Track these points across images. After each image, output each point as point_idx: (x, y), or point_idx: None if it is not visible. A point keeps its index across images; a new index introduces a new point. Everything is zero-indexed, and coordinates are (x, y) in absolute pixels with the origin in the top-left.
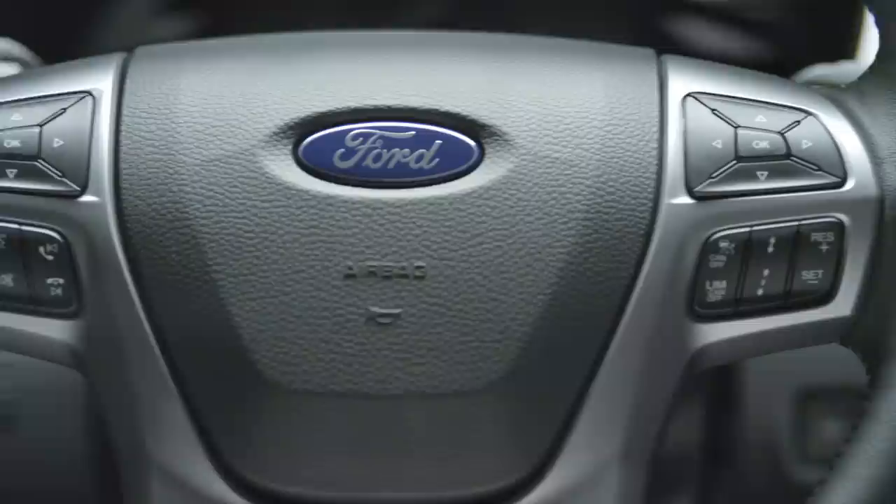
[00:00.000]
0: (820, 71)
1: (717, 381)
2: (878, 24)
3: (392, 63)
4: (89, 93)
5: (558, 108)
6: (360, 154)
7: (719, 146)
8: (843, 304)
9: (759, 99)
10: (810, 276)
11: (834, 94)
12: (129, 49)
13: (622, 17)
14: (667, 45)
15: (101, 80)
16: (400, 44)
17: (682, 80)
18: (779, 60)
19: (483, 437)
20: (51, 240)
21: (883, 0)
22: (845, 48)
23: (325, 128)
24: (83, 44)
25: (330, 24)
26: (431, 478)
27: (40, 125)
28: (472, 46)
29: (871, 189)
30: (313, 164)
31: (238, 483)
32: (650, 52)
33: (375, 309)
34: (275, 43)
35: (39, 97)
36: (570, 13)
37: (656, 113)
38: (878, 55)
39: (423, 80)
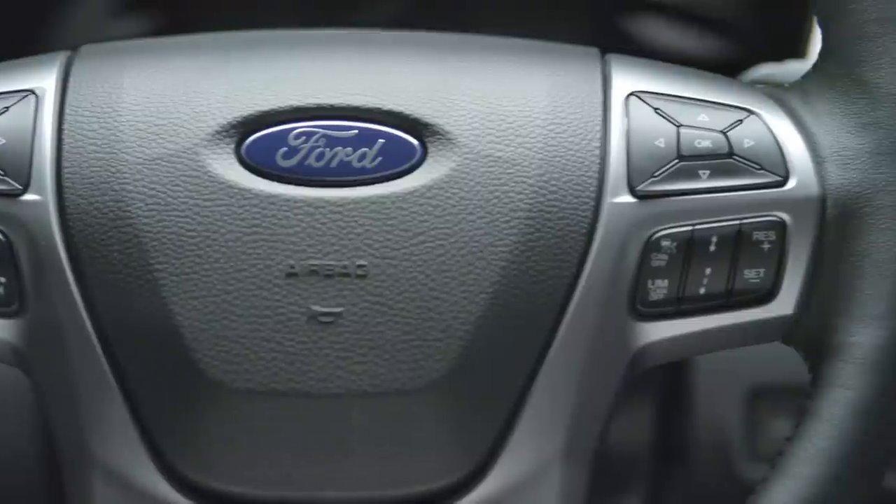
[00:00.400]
0: (767, 70)
1: (668, 381)
2: (821, 23)
3: (336, 62)
4: (32, 91)
5: (501, 107)
6: (302, 153)
7: (662, 145)
8: (784, 303)
9: (702, 98)
10: (752, 275)
11: (777, 93)
12: (74, 48)
13: (581, 16)
14: (625, 44)
15: (44, 79)
16: (345, 42)
17: (626, 80)
18: (736, 59)
19: (425, 436)
20: None
21: (825, 0)
22: (800, 47)
23: (267, 127)
24: (40, 44)
25: (287, 23)
26: (373, 477)
27: None
28: (416, 45)
29: (813, 188)
30: (256, 163)
31: (181, 482)
32: (594, 51)
33: (317, 308)
34: (219, 41)
35: None
36: (527, 12)
37: (599, 112)
38: (821, 54)
39: (367, 78)
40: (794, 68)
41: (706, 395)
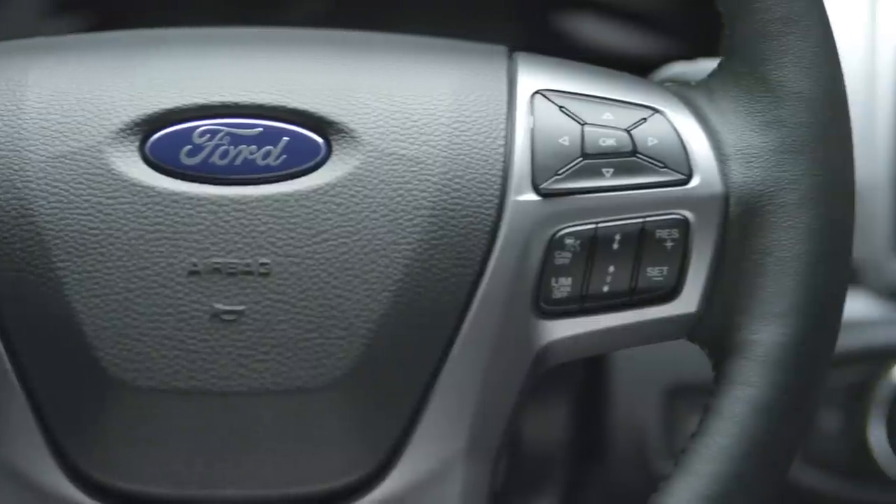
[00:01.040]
0: (678, 68)
1: (585, 379)
2: (726, 21)
3: (242, 59)
4: None
5: (406, 105)
6: (206, 151)
7: (566, 143)
8: (688, 301)
9: (607, 96)
10: (655, 273)
11: (683, 91)
12: None
13: (510, 15)
14: (554, 42)
15: None
16: (251, 40)
17: (532, 78)
18: (665, 56)
19: (327, 434)
20: None
21: None
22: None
23: (172, 124)
24: None
25: (214, 23)
26: (276, 475)
27: None
28: (323, 43)
29: (717, 186)
30: (160, 161)
31: (85, 482)
32: (502, 49)
33: (220, 306)
34: (126, 39)
35: None
36: (454, 11)
37: (504, 110)
38: (726, 53)
39: (272, 76)
40: (704, 66)
41: (623, 393)
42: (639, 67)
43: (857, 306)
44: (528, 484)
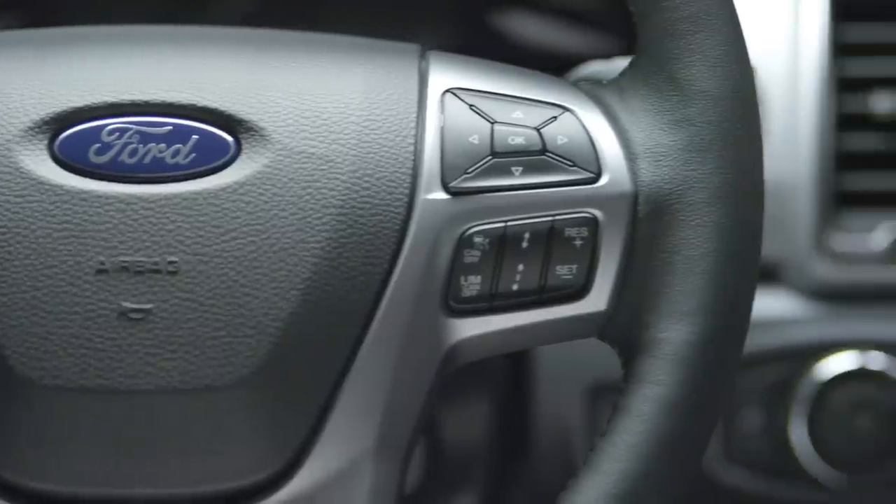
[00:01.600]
0: (594, 67)
1: (509, 377)
2: (636, 20)
3: (153, 58)
4: None
5: (316, 103)
6: (115, 149)
7: (475, 142)
8: (597, 299)
9: (518, 95)
10: (564, 272)
11: (595, 90)
12: None
13: (445, 13)
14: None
15: None
16: (162, 38)
17: (443, 76)
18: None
19: (235, 433)
20: None
21: None
22: None
23: (81, 123)
24: None
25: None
26: (184, 473)
27: None
28: (235, 42)
29: (625, 185)
30: (68, 159)
31: None
32: (414, 47)
33: (127, 304)
34: (37, 37)
35: None
36: (391, 10)
37: (414, 109)
38: (637, 52)
39: (183, 75)
40: (619, 65)
41: (547, 392)
42: (574, 65)
43: (780, 305)
44: (449, 483)
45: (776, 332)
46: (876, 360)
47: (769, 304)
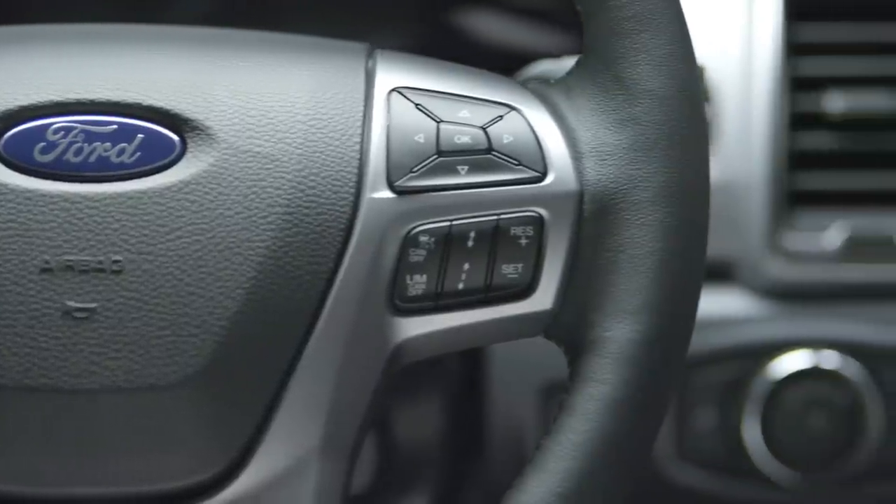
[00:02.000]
0: (544, 66)
1: (463, 375)
2: (583, 19)
3: (99, 56)
4: None
5: (262, 102)
6: (60, 148)
7: (421, 141)
8: (543, 298)
9: (465, 94)
10: (510, 271)
11: (542, 89)
12: None
13: (408, 12)
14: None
15: None
16: (109, 37)
17: (390, 75)
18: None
19: (180, 432)
20: None
21: None
22: None
23: (26, 121)
24: None
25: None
26: (128, 473)
27: None
28: (182, 40)
29: (571, 184)
30: (13, 158)
31: None
32: (362, 46)
33: (71, 303)
34: None
35: None
36: (353, 9)
37: (360, 108)
38: (584, 51)
39: (129, 73)
40: (568, 64)
41: (501, 391)
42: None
43: (733, 304)
44: (401, 482)
45: (729, 331)
46: (829, 359)
47: (722, 303)
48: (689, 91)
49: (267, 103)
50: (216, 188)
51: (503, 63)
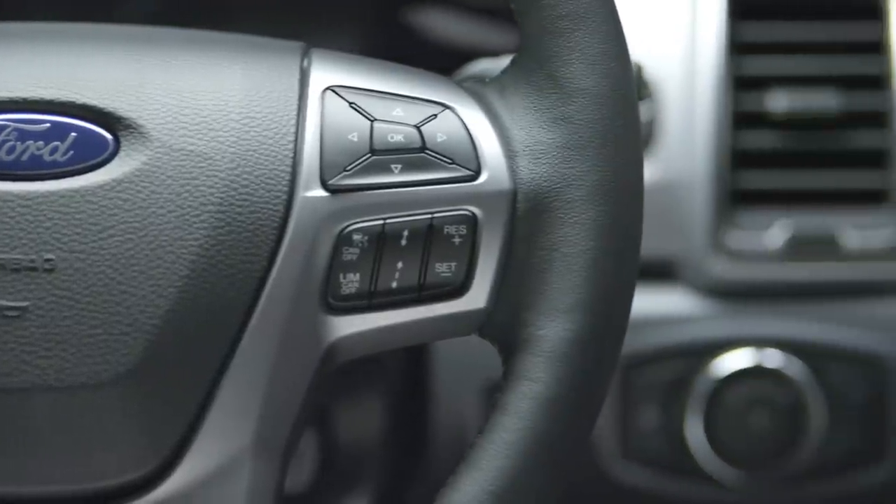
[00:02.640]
0: (484, 65)
1: (406, 376)
2: (517, 18)
3: (32, 55)
4: None
5: (196, 101)
6: None
7: (355, 139)
8: (477, 297)
9: (399, 93)
10: (444, 269)
11: (477, 88)
12: None
13: (362, 12)
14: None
15: None
16: (44, 35)
17: (324, 74)
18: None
19: (111, 431)
20: None
21: None
22: None
23: None
24: None
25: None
26: (59, 471)
27: None
28: (116, 39)
29: (504, 183)
30: None
31: None
32: (297, 45)
33: (3, 302)
34: None
35: None
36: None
37: (294, 106)
38: (518, 49)
39: (62, 72)
40: (507, 63)
41: (444, 389)
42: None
43: (676, 303)
44: (342, 481)
45: (672, 329)
46: (771, 358)
47: (665, 301)
48: (622, 90)
49: (200, 102)
50: (149, 186)
51: (456, 61)
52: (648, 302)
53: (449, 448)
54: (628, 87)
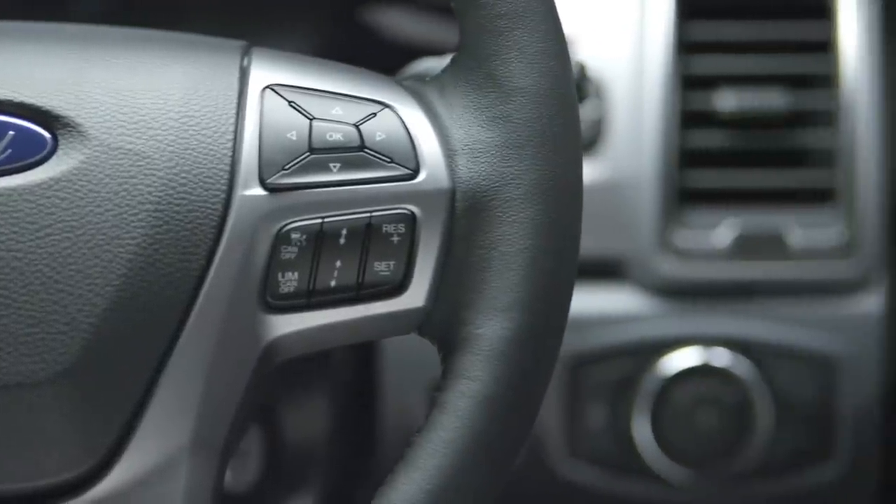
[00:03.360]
0: (428, 63)
1: (355, 375)
2: (457, 16)
3: None
4: None
5: (135, 99)
6: None
7: (294, 138)
8: (415, 296)
9: (339, 91)
10: (382, 268)
11: (417, 86)
12: None
13: (321, 12)
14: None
15: None
16: None
17: (264, 73)
18: None
19: (47, 429)
20: None
21: None
22: None
23: None
24: None
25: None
26: None
27: None
28: (55, 37)
29: (443, 181)
30: None
31: None
32: (238, 44)
33: None
34: None
35: None
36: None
37: (234, 105)
38: (459, 48)
39: (0, 69)
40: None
41: (393, 388)
42: None
43: (624, 302)
44: (288, 480)
45: (620, 328)
46: (719, 357)
47: (613, 300)
48: (561, 88)
49: (139, 100)
50: (87, 185)
51: (415, 61)
52: (596, 301)
53: (398, 447)
54: (567, 86)
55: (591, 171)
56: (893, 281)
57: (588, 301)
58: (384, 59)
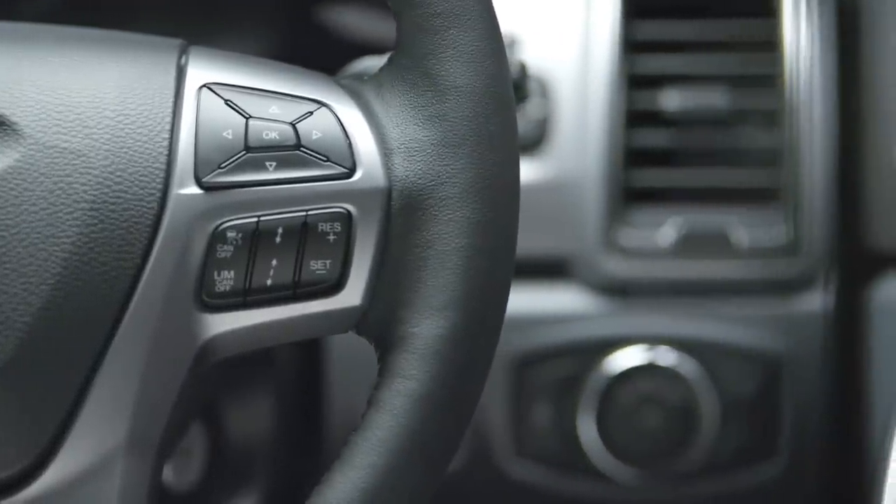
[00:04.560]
0: (368, 62)
1: (300, 374)
2: (394, 15)
3: None
4: None
5: (70, 98)
6: None
7: (230, 136)
8: (352, 294)
9: (275, 90)
10: (318, 267)
11: (355, 85)
12: None
13: (277, 11)
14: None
15: None
16: None
17: (201, 71)
18: None
19: None
20: None
21: None
22: None
23: None
24: None
25: None
26: None
27: None
28: None
29: (379, 180)
30: None
31: None
32: (176, 42)
33: None
34: None
35: None
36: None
37: (170, 104)
38: (396, 47)
39: None
40: None
41: (339, 386)
42: None
43: (569, 300)
44: (232, 479)
45: (565, 327)
46: (664, 356)
47: (558, 299)
48: (497, 87)
49: (75, 99)
50: (21, 184)
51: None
52: (541, 300)
53: (342, 446)
54: (504, 85)
55: (536, 170)
56: (837, 280)
57: (533, 300)
58: (341, 58)
